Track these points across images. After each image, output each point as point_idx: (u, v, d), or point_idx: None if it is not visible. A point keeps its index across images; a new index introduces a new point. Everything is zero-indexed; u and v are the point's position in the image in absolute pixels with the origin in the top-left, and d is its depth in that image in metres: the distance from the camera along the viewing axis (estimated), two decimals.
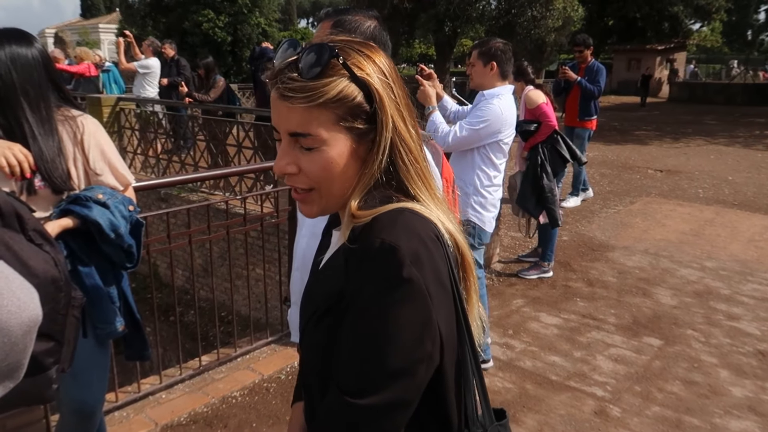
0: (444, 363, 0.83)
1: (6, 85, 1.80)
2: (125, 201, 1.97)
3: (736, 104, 22.02)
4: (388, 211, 0.84)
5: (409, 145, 0.87)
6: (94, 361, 2.02)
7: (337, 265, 0.87)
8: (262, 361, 3.42)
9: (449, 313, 0.83)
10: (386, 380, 0.78)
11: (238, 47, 25.56)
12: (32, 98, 1.84)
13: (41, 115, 1.86)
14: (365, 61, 0.85)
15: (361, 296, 0.80)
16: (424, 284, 0.78)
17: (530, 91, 4.45)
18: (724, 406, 3.03)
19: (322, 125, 0.83)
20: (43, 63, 1.88)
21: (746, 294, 4.48)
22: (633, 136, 13.60)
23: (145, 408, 2.93)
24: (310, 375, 0.94)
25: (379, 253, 0.78)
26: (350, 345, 0.80)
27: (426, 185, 0.88)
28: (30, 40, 1.87)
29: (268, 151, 6.45)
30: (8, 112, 1.83)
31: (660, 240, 5.81)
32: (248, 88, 16.84)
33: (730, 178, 8.93)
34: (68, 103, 1.97)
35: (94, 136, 1.94)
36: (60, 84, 1.96)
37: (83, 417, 2.04)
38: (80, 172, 1.95)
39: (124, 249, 1.95)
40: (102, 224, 1.85)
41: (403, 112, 0.87)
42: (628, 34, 28.22)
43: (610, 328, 3.91)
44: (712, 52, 38.07)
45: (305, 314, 0.93)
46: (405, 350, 0.78)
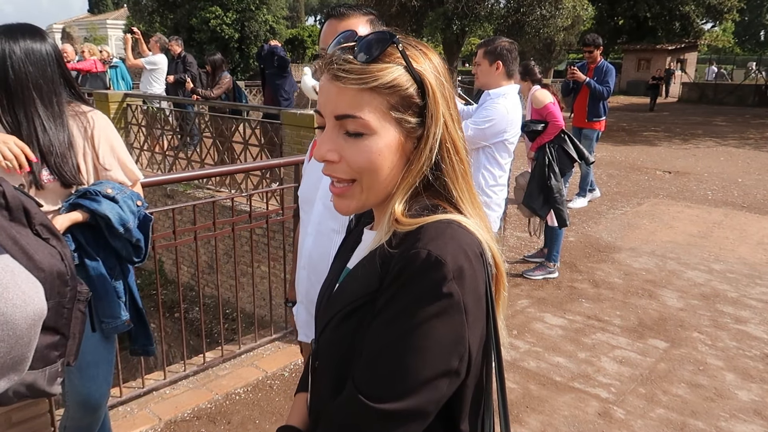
0: (467, 379, 0.83)
1: (19, 79, 1.82)
2: (133, 196, 1.98)
3: (747, 105, 21.86)
4: (437, 221, 0.83)
5: (456, 145, 0.87)
6: (99, 355, 2.03)
7: (371, 267, 0.85)
8: (266, 358, 3.42)
9: (481, 331, 0.83)
10: (409, 390, 0.78)
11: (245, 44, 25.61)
12: (45, 93, 1.85)
13: (53, 110, 1.88)
14: (421, 56, 0.85)
15: (398, 304, 0.79)
16: (463, 301, 0.78)
17: (537, 91, 4.45)
18: (730, 409, 3.00)
19: (373, 111, 0.82)
20: (55, 58, 1.89)
21: (754, 297, 4.44)
22: (641, 137, 13.53)
23: (149, 403, 2.94)
24: (324, 371, 0.93)
25: (425, 265, 0.78)
26: (378, 349, 0.80)
27: (468, 189, 0.88)
28: (43, 36, 1.89)
29: (274, 148, 6.46)
30: (20, 107, 1.84)
31: (667, 242, 5.78)
32: (255, 86, 16.87)
33: (739, 180, 8.86)
34: (79, 99, 1.99)
35: (104, 131, 1.96)
36: (71, 80, 1.98)
37: (88, 410, 2.06)
38: (90, 167, 1.96)
39: (132, 243, 1.96)
40: (111, 218, 1.87)
41: (452, 111, 0.87)
42: (639, 34, 28.05)
43: (615, 329, 3.89)
44: (724, 52, 37.79)
45: (330, 310, 0.92)
46: (433, 363, 0.78)
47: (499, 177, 3.15)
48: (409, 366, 0.78)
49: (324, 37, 1.55)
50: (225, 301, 6.14)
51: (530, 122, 4.42)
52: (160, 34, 9.39)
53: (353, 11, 1.53)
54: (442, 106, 0.85)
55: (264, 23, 25.77)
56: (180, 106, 8.20)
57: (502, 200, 3.22)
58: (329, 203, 1.53)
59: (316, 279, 1.58)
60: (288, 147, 5.71)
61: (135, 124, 8.35)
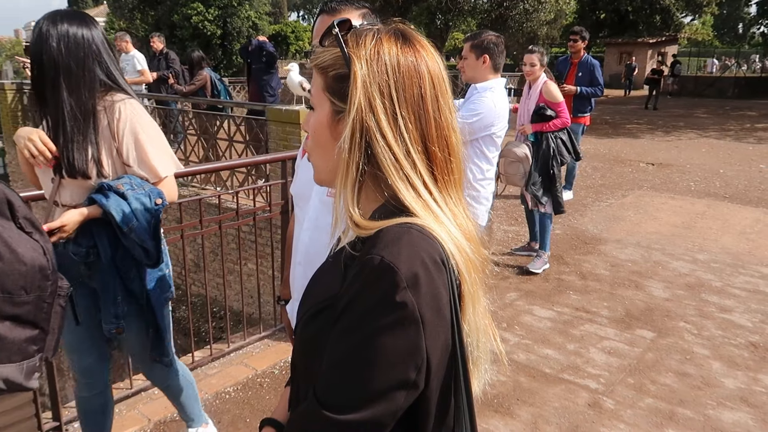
0: (429, 390, 0.80)
1: (51, 62, 1.78)
2: (153, 193, 1.89)
3: (726, 97, 22.15)
4: (395, 225, 0.80)
5: (389, 142, 0.80)
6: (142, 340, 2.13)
7: (336, 268, 0.85)
8: (256, 356, 3.40)
9: (444, 341, 0.79)
10: (363, 401, 0.76)
11: (227, 40, 25.41)
12: (74, 79, 1.81)
13: (79, 98, 1.82)
14: (372, 44, 0.82)
15: (352, 312, 0.77)
16: (419, 310, 0.75)
17: (549, 84, 4.60)
18: (717, 397, 3.04)
19: (316, 88, 0.88)
20: (97, 46, 1.85)
21: (738, 286, 4.50)
22: (625, 130, 13.64)
23: (138, 404, 2.90)
24: (299, 368, 0.93)
25: (376, 272, 0.75)
26: (334, 359, 0.79)
27: (416, 191, 0.81)
28: (87, 22, 1.85)
29: (259, 145, 6.41)
30: (48, 89, 1.81)
31: (652, 233, 5.83)
32: (239, 82, 16.74)
33: (721, 171, 8.98)
34: (117, 88, 1.91)
35: (129, 123, 1.88)
36: (112, 68, 1.90)
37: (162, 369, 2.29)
38: (113, 161, 1.90)
39: (139, 244, 1.89)
40: (115, 216, 1.80)
41: (387, 103, 0.80)
42: (620, 28, 28.30)
43: (603, 320, 3.92)
44: (704, 45, 38.23)
45: (302, 308, 0.92)
46: (386, 375, 0.76)
47: (487, 171, 3.15)
48: (363, 377, 0.76)
49: (317, 33, 1.53)
50: (213, 300, 6.09)
51: (544, 107, 4.54)
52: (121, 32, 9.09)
53: (345, 5, 1.51)
54: (364, 94, 0.80)
55: (246, 19, 25.58)
56: (163, 104, 8.10)
57: (490, 194, 3.22)
58: (326, 198, 1.52)
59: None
60: (273, 143, 5.68)
61: None
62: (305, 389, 0.88)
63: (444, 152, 0.84)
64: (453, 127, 0.86)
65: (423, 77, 0.83)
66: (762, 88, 23.41)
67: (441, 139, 0.84)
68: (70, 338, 2.07)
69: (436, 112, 0.83)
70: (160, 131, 2.01)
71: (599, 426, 2.80)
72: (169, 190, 1.99)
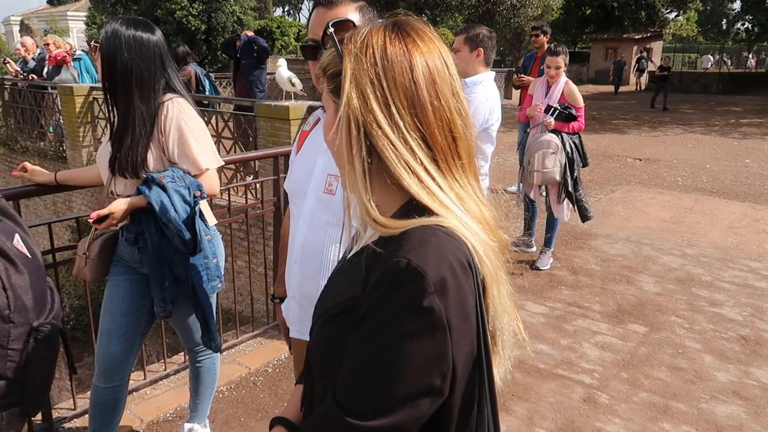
0: (453, 397, 0.79)
1: (128, 72, 1.92)
2: (192, 185, 2.00)
3: (711, 93, 22.37)
4: (421, 227, 0.77)
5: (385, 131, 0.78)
6: (188, 323, 2.29)
7: (358, 269, 0.82)
8: (248, 354, 3.36)
9: (469, 347, 0.78)
10: (387, 407, 0.74)
11: (212, 36, 25.13)
12: (145, 88, 1.95)
13: (149, 105, 1.97)
14: (361, 38, 0.81)
15: (377, 316, 0.75)
16: (446, 316, 0.73)
17: (573, 85, 4.53)
18: (710, 391, 3.06)
19: (324, 90, 0.89)
20: (161, 52, 1.98)
21: (727, 280, 4.54)
22: (611, 125, 13.73)
23: (130, 405, 2.86)
24: (314, 370, 0.90)
25: (403, 275, 0.73)
26: (356, 363, 0.77)
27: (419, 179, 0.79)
28: (152, 28, 2.00)
29: (248, 141, 6.35)
30: (121, 98, 1.95)
31: (641, 228, 5.87)
32: (225, 78, 16.58)
33: (707, 166, 9.06)
34: (170, 90, 2.04)
35: (175, 119, 1.99)
36: (171, 74, 2.04)
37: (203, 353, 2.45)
38: (157, 156, 2.01)
39: (177, 233, 1.98)
40: (155, 206, 1.91)
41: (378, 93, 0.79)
42: (606, 23, 28.46)
43: (595, 315, 3.93)
44: (688, 41, 38.59)
45: (318, 310, 0.89)
46: (412, 381, 0.74)
47: (482, 167, 3.14)
48: (388, 383, 0.74)
49: (312, 26, 1.50)
50: None
51: (570, 108, 4.46)
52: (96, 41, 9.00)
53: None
54: (355, 87, 0.79)
55: (231, 14, 25.32)
56: None
57: (485, 190, 3.21)
58: (322, 195, 1.49)
59: (308, 273, 1.53)
60: (263, 139, 5.62)
61: (103, 118, 8.13)
62: (321, 390, 0.86)
63: (446, 137, 0.82)
64: (456, 110, 0.83)
65: (414, 61, 0.81)
66: (746, 84, 23.70)
67: (441, 123, 0.81)
68: (106, 320, 2.15)
69: (432, 96, 0.81)
70: (205, 128, 2.13)
71: (594, 421, 2.80)
72: (210, 183, 2.09)
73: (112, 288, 2.17)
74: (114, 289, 2.17)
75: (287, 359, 3.31)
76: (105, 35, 1.93)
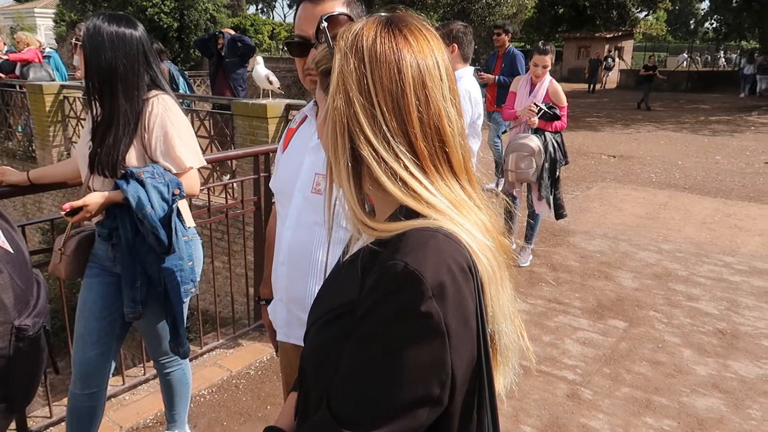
0: (453, 405, 0.75)
1: (112, 71, 1.88)
2: (172, 183, 1.96)
3: (680, 91, 22.79)
4: (420, 228, 0.74)
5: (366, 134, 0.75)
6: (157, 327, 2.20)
7: (354, 272, 0.79)
8: (230, 356, 3.31)
9: (469, 354, 0.75)
10: (383, 417, 0.71)
11: (185, 33, 24.77)
12: (129, 87, 1.91)
13: (133, 104, 1.93)
14: (352, 34, 0.79)
15: (373, 321, 0.72)
16: (444, 321, 0.70)
17: (557, 84, 4.55)
18: (690, 384, 3.11)
19: (319, 87, 0.89)
20: (144, 49, 1.94)
21: (703, 275, 4.62)
22: (585, 123, 13.89)
23: (108, 411, 2.78)
24: (309, 377, 0.87)
25: (400, 279, 0.70)
26: (352, 370, 0.73)
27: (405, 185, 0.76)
28: (135, 24, 1.95)
29: (224, 140, 6.25)
30: (106, 96, 1.91)
31: (618, 224, 5.94)
32: (199, 76, 16.36)
33: (680, 162, 9.22)
34: (155, 86, 2.01)
35: (160, 117, 1.96)
36: (156, 70, 2.00)
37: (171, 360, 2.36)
38: (138, 153, 1.98)
39: (152, 231, 1.94)
40: (131, 201, 1.87)
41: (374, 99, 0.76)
42: (578, 22, 28.80)
43: (576, 311, 3.96)
44: (657, 40, 39.31)
45: (312, 315, 0.86)
46: (409, 391, 0.71)
47: None
48: (384, 392, 0.71)
49: (298, 21, 1.46)
50: None
51: (554, 107, 4.48)
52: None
53: None
54: (342, 85, 0.76)
55: (204, 12, 24.99)
56: None
57: None
58: (310, 195, 1.46)
59: (296, 275, 1.50)
60: (240, 138, 5.54)
61: (74, 117, 7.94)
62: (316, 398, 0.82)
63: (432, 142, 0.78)
64: (447, 115, 0.80)
65: (404, 63, 0.77)
66: (714, 82, 24.22)
67: (428, 128, 0.78)
68: (80, 325, 2.10)
69: (421, 99, 0.77)
70: (190, 126, 2.09)
71: (579, 417, 2.82)
72: (191, 182, 2.06)
73: (86, 291, 2.12)
74: (87, 292, 2.12)
75: (269, 361, 3.26)
76: (86, 32, 1.87)
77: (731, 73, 26.70)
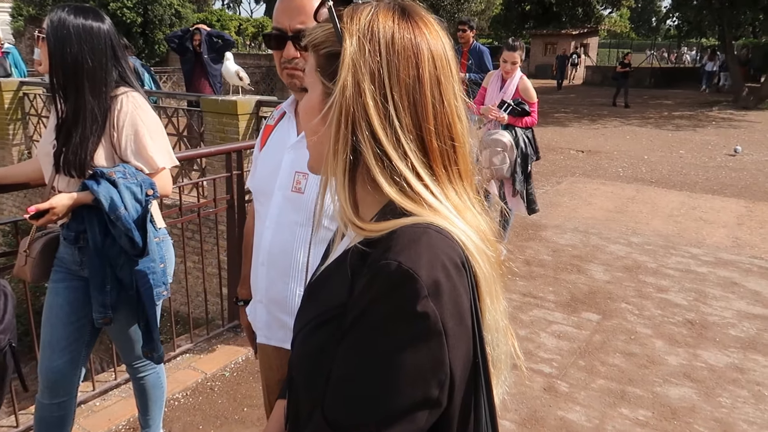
0: (451, 407, 0.73)
1: (79, 66, 1.80)
2: (145, 183, 1.89)
3: (644, 87, 23.27)
4: (410, 225, 0.71)
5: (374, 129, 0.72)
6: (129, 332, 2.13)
7: (342, 273, 0.75)
8: (204, 359, 3.24)
9: (466, 352, 0.72)
10: (380, 423, 0.69)
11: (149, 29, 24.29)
12: (97, 83, 1.84)
13: (101, 101, 1.85)
14: (366, 19, 0.74)
15: (367, 324, 0.69)
16: (441, 320, 0.67)
17: (527, 81, 4.57)
18: (663, 374, 3.16)
19: (309, 68, 0.81)
20: (111, 43, 1.86)
21: (671, 267, 4.72)
22: (553, 119, 14.08)
23: (78, 418, 2.69)
24: (299, 383, 0.84)
25: (393, 279, 0.67)
26: (346, 376, 0.70)
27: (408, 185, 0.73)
28: (101, 17, 1.86)
29: (192, 138, 6.14)
30: (71, 92, 1.83)
31: (588, 218, 6.03)
32: (165, 72, 16.05)
33: (645, 157, 9.42)
34: (124, 82, 1.93)
35: (130, 115, 1.89)
36: (124, 65, 1.92)
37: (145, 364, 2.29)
38: (107, 152, 1.91)
39: (125, 233, 1.86)
40: (103, 202, 1.80)
41: (388, 92, 0.72)
42: (545, 19, 29.19)
43: (550, 305, 4.00)
44: (621, 37, 40.08)
45: (300, 320, 0.83)
46: (407, 394, 0.68)
47: None
48: (382, 396, 0.68)
49: (276, 14, 1.42)
50: None
51: (523, 103, 4.51)
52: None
53: None
54: (352, 74, 0.72)
55: (169, 7, 24.51)
56: None
57: None
58: (290, 194, 1.42)
59: (276, 275, 1.46)
60: (210, 135, 5.45)
61: (34, 115, 7.69)
62: (307, 406, 0.79)
63: (445, 141, 0.76)
64: (458, 114, 0.78)
65: (422, 56, 0.74)
66: (676, 78, 24.79)
67: (441, 127, 0.75)
68: (46, 332, 2.01)
69: (435, 96, 0.75)
70: (161, 125, 2.02)
71: (556, 409, 2.84)
72: (164, 183, 1.99)
73: (52, 296, 2.04)
74: (53, 298, 2.03)
75: (245, 362, 3.21)
76: (51, 25, 1.79)
77: (693, 70, 27.39)
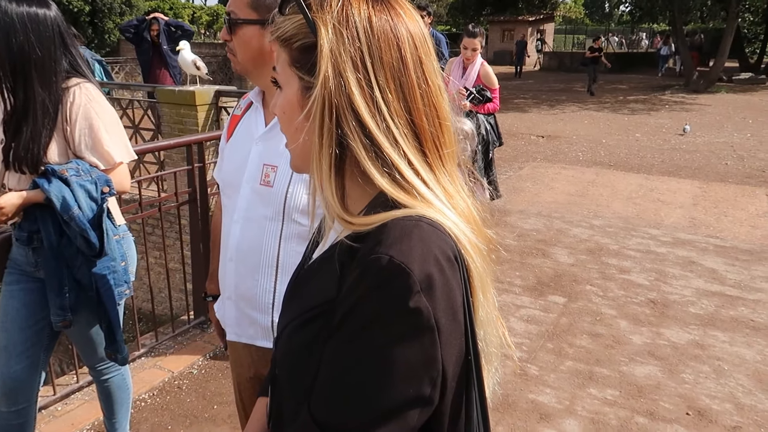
0: (443, 404, 0.71)
1: (25, 56, 1.71)
2: (100, 180, 1.80)
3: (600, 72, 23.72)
4: (402, 218, 0.69)
5: (362, 118, 0.69)
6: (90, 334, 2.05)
7: (330, 269, 0.72)
8: (170, 357, 3.16)
9: (458, 348, 0.70)
10: (372, 423, 0.66)
11: (98, 18, 23.50)
12: (46, 73, 1.75)
13: (51, 92, 1.76)
14: (338, 6, 0.70)
15: (357, 320, 0.66)
16: (434, 316, 0.65)
17: (488, 67, 4.61)
18: (628, 354, 3.24)
19: (281, 64, 0.77)
20: (60, 30, 1.77)
21: (632, 248, 4.83)
22: (513, 104, 14.23)
23: (39, 424, 2.59)
24: (284, 382, 0.81)
25: (385, 274, 0.65)
26: (335, 374, 0.68)
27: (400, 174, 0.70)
28: (48, 3, 1.77)
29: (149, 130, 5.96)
30: (19, 85, 1.74)
31: (551, 202, 6.12)
32: (116, 62, 15.54)
33: (603, 140, 9.61)
34: (76, 72, 1.83)
35: (83, 108, 1.80)
36: (74, 54, 1.82)
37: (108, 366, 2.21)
38: (60, 146, 1.82)
39: (80, 233, 1.77)
40: (54, 202, 1.71)
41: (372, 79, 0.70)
42: (502, 6, 29.43)
43: (517, 289, 4.05)
44: (576, 23, 40.75)
45: (285, 316, 0.79)
46: (398, 392, 0.66)
47: None
48: (372, 395, 0.66)
49: None
50: None
51: (485, 89, 4.54)
52: None
53: None
54: (332, 64, 0.69)
55: None
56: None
57: None
58: (258, 187, 1.38)
59: (245, 271, 1.42)
60: (168, 127, 5.29)
61: None
62: (292, 405, 0.76)
63: (433, 123, 0.73)
64: (441, 92, 0.75)
65: (402, 38, 0.72)
66: (631, 63, 25.36)
67: (429, 108, 0.73)
68: (2, 337, 1.92)
69: (420, 76, 0.72)
70: (117, 117, 1.92)
71: (527, 393, 2.88)
72: (121, 179, 1.90)
73: (6, 299, 1.94)
74: (8, 301, 1.94)
75: (213, 359, 3.14)
76: None
77: (646, 54, 28.06)
